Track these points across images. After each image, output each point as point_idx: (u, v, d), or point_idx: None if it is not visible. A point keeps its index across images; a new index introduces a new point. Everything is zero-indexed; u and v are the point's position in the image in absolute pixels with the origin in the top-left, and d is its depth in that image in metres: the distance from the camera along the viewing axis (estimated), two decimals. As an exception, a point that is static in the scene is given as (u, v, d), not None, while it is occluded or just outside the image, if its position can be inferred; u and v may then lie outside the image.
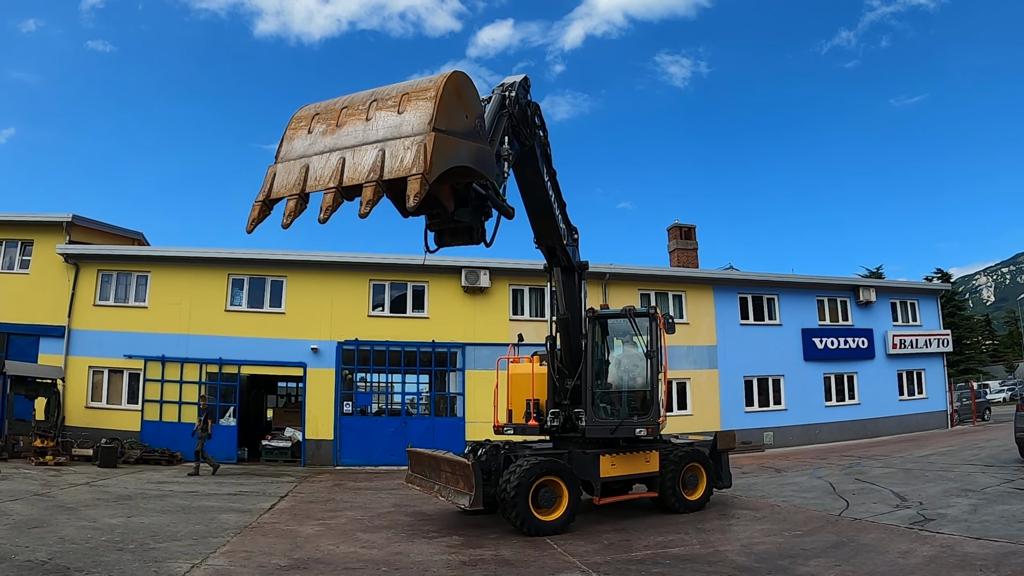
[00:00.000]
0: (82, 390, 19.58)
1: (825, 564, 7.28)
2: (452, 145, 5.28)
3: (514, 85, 8.04)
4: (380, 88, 5.53)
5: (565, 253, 10.37)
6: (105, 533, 8.73)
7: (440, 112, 5.12)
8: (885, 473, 14.87)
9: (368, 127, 5.33)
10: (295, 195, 5.35)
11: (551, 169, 9.46)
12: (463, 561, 7.78)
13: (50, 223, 20.35)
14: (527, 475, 9.11)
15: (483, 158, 5.80)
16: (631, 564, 7.60)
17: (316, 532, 9.49)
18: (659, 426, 10.29)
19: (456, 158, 5.37)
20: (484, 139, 5.89)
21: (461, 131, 5.48)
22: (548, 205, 9.48)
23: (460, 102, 5.48)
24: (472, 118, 5.67)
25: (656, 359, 10.52)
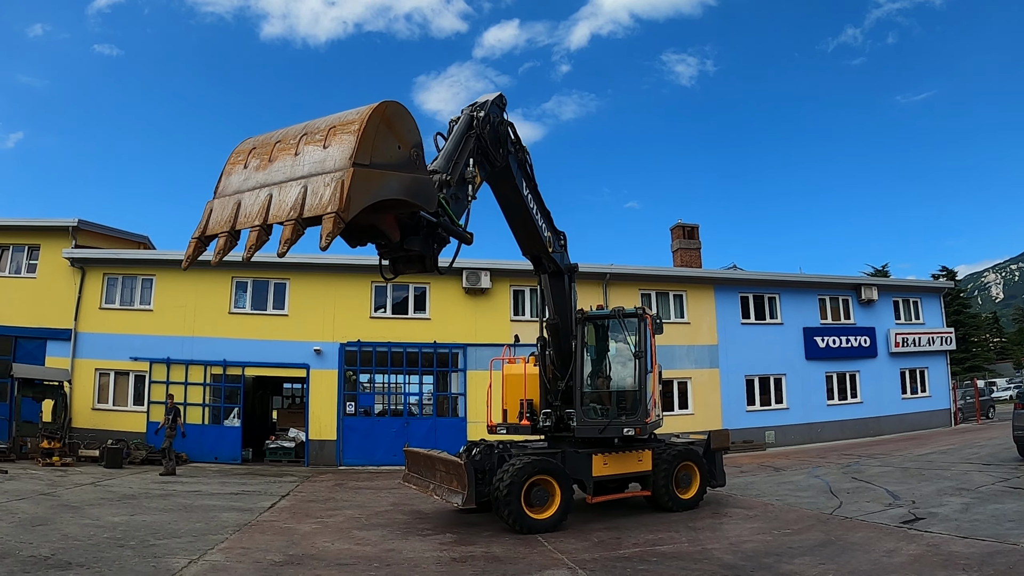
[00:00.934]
0: (88, 392, 19.83)
1: (809, 562, 7.38)
2: (377, 179, 5.16)
3: (485, 104, 8.14)
4: (314, 121, 5.45)
5: (551, 260, 10.51)
6: (107, 530, 8.96)
7: (363, 146, 4.97)
8: (882, 472, 14.93)
9: (296, 162, 5.23)
10: (226, 232, 5.26)
11: (532, 183, 9.57)
12: (453, 558, 7.97)
13: (56, 228, 20.62)
14: (520, 474, 9.27)
15: (418, 188, 5.68)
16: (617, 561, 7.75)
17: (313, 530, 9.69)
18: (647, 425, 10.37)
19: (383, 191, 5.26)
20: (422, 168, 5.77)
21: (391, 163, 5.32)
22: (529, 218, 9.60)
23: (391, 132, 5.31)
24: (407, 148, 5.49)
25: (644, 359, 10.63)
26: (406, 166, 5.48)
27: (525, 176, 9.36)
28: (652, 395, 10.53)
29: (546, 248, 10.19)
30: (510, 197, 9.21)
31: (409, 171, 5.52)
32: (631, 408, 10.65)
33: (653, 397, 10.52)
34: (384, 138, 5.21)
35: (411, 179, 5.54)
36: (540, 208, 9.98)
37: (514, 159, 8.89)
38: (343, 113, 5.27)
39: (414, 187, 5.60)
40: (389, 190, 5.31)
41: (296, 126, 5.50)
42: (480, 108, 8.01)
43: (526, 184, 9.38)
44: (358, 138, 4.94)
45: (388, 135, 5.27)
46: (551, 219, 10.43)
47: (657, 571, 7.26)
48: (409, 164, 5.52)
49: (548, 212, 10.28)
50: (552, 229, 10.48)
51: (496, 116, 8.32)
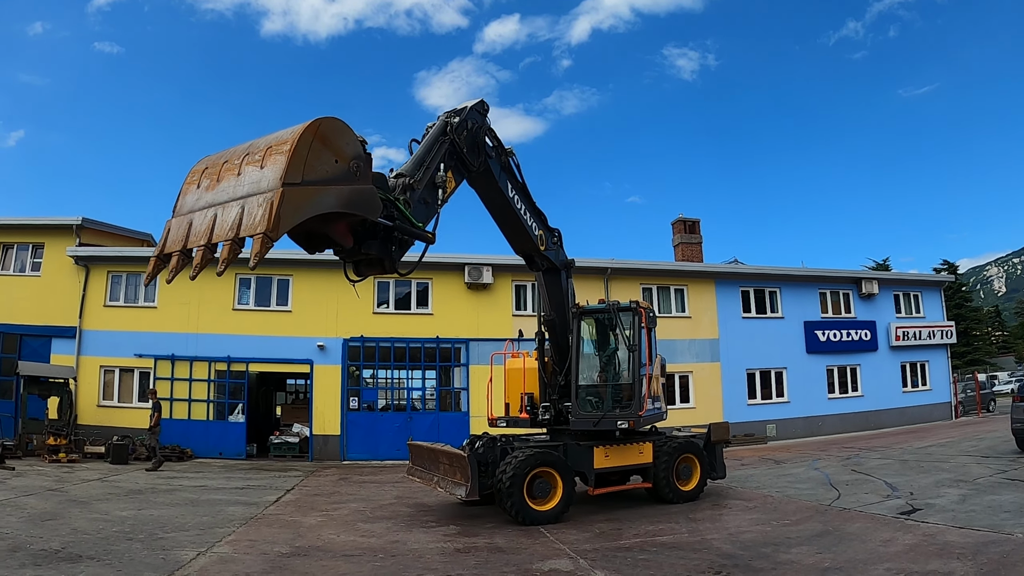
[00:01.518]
0: (94, 389, 19.97)
1: (807, 552, 7.49)
2: (309, 196, 5.32)
3: (463, 110, 8.36)
4: (258, 139, 5.62)
5: (544, 258, 10.67)
6: (116, 524, 9.11)
7: (294, 165, 5.16)
8: (881, 464, 15.02)
9: (238, 183, 5.44)
10: (177, 251, 5.53)
11: (518, 183, 9.74)
12: (457, 549, 8.12)
13: (60, 226, 20.75)
14: (522, 466, 9.41)
15: (358, 199, 5.82)
16: (618, 552, 7.89)
17: (319, 523, 9.85)
18: (640, 419, 10.42)
19: (316, 207, 5.43)
20: (364, 179, 5.87)
21: (328, 177, 5.50)
22: (516, 218, 9.78)
23: (326, 148, 5.47)
24: (345, 161, 5.65)
25: (638, 353, 10.71)
26: (345, 179, 5.66)
27: (510, 178, 9.54)
28: (646, 388, 10.58)
29: (537, 247, 10.34)
30: (494, 199, 9.43)
31: (348, 183, 5.69)
32: (626, 401, 10.72)
33: (646, 391, 10.56)
34: (319, 154, 5.39)
35: (350, 191, 5.71)
36: (529, 208, 10.11)
37: (496, 163, 9.10)
38: (281, 132, 5.45)
39: (353, 198, 5.76)
40: (324, 204, 5.50)
41: (243, 145, 5.70)
42: (456, 114, 8.22)
43: (511, 185, 9.55)
44: (288, 158, 5.13)
45: (323, 151, 5.44)
46: (543, 218, 10.55)
47: (657, 561, 7.38)
48: (348, 177, 5.68)
49: (539, 211, 10.42)
50: (544, 227, 10.60)
51: (476, 122, 8.54)
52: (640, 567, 7.13)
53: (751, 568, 6.93)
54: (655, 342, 11.76)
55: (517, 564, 7.28)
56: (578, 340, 11.27)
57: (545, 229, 10.63)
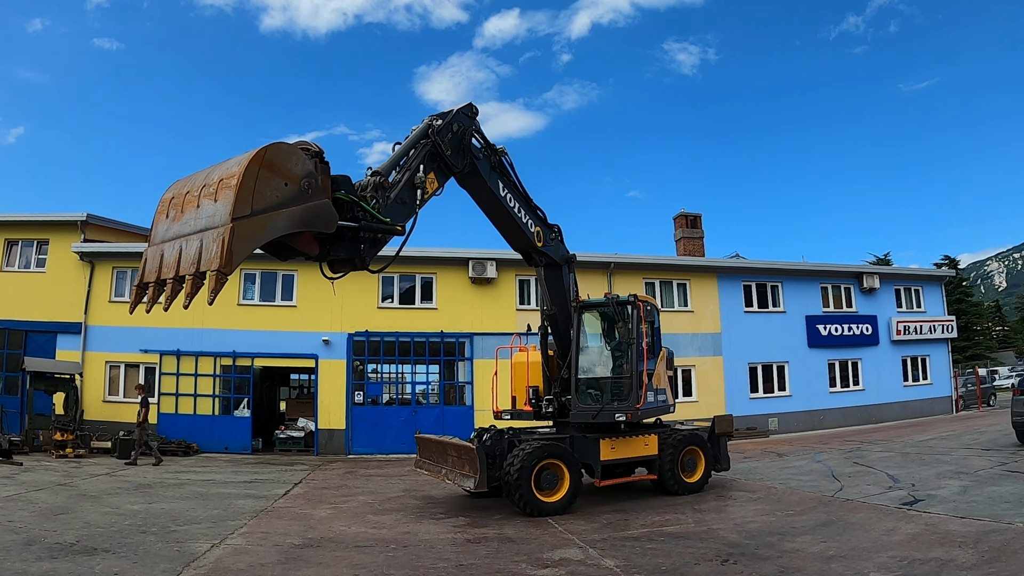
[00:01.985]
0: (99, 384, 20.06)
1: (811, 541, 7.61)
2: (261, 225, 5.55)
3: (448, 114, 8.57)
4: (215, 168, 5.81)
5: (542, 254, 10.78)
6: (128, 518, 9.21)
7: (241, 199, 5.36)
8: (883, 457, 15.13)
9: (198, 216, 5.64)
10: (153, 282, 5.82)
11: (510, 182, 9.89)
12: (467, 539, 8.23)
13: (65, 222, 20.83)
14: (529, 458, 9.52)
15: (312, 217, 6.02)
16: (626, 541, 8.00)
17: (328, 515, 9.95)
18: (638, 411, 10.47)
19: (269, 233, 5.68)
20: (316, 195, 6.05)
21: (279, 201, 5.69)
22: (509, 216, 9.92)
23: (273, 174, 5.64)
24: (295, 182, 5.83)
25: (637, 346, 10.76)
26: (298, 198, 5.84)
27: (501, 177, 9.68)
28: (644, 381, 10.62)
29: (533, 243, 10.46)
30: (485, 198, 9.62)
31: (301, 203, 5.87)
32: (624, 394, 10.80)
33: (645, 383, 10.61)
34: (267, 182, 5.57)
35: (302, 211, 5.89)
36: (524, 205, 10.23)
37: (484, 164, 9.27)
38: (232, 162, 5.65)
39: (306, 217, 5.96)
40: (276, 229, 5.73)
41: (204, 172, 5.89)
42: (439, 117, 8.40)
43: (503, 184, 9.70)
44: (236, 193, 5.34)
45: (272, 178, 5.62)
46: (539, 214, 10.65)
47: (664, 550, 7.49)
48: (301, 196, 5.87)
49: (535, 208, 10.54)
50: (542, 224, 10.71)
51: (462, 124, 8.74)
52: (649, 555, 7.23)
53: (757, 556, 7.03)
54: (659, 335, 11.87)
55: (528, 554, 7.39)
56: (579, 334, 11.36)
57: (543, 225, 10.74)
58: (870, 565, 6.52)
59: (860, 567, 6.48)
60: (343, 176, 6.70)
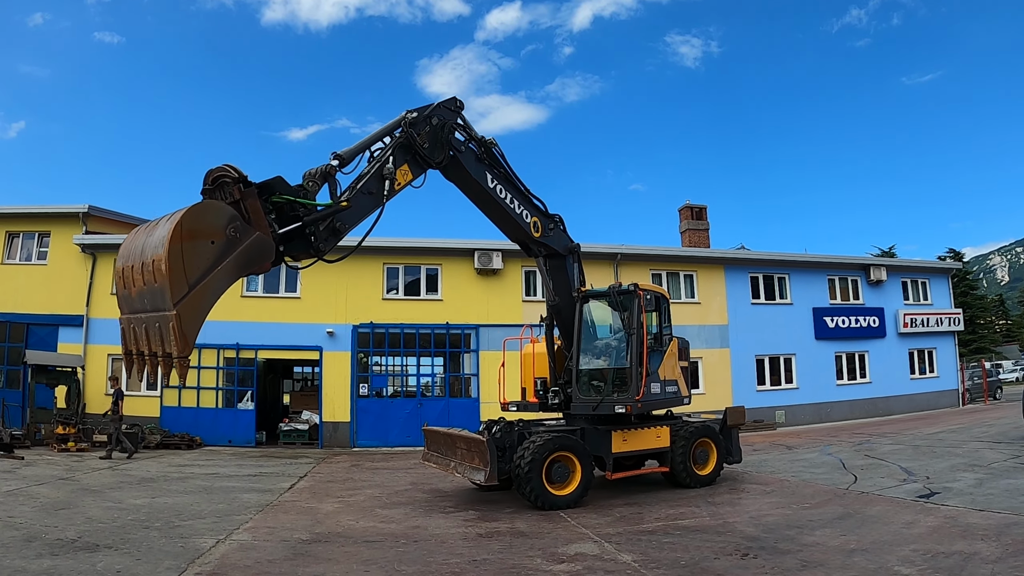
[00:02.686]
0: (102, 377, 19.89)
1: (830, 534, 7.45)
2: (203, 294, 5.60)
3: (427, 107, 8.59)
4: (151, 232, 5.70)
5: (541, 244, 10.64)
6: (131, 513, 9.05)
7: (175, 281, 5.39)
8: (894, 450, 14.99)
9: (144, 294, 5.67)
10: (134, 352, 5.89)
11: (500, 173, 9.80)
12: (479, 534, 8.04)
13: (67, 214, 20.64)
14: (541, 451, 9.33)
15: (248, 259, 6.03)
16: (642, 535, 7.82)
17: (336, 509, 9.77)
18: (638, 403, 10.22)
19: (215, 294, 5.75)
20: (246, 233, 5.99)
21: (212, 262, 5.68)
22: (500, 208, 9.86)
23: (197, 239, 5.58)
24: (220, 236, 5.75)
25: (638, 336, 10.50)
26: (229, 248, 5.79)
27: (490, 169, 9.63)
28: (645, 373, 10.33)
29: (529, 234, 10.33)
30: (472, 189, 9.57)
31: (234, 250, 5.83)
32: (624, 385, 10.56)
33: (645, 375, 10.30)
34: (193, 251, 5.53)
35: (237, 258, 5.87)
36: (518, 196, 10.12)
37: (468, 156, 9.24)
38: (159, 234, 5.52)
39: (243, 261, 5.97)
40: (219, 289, 5.80)
41: (142, 234, 5.84)
42: (417, 111, 8.41)
43: (492, 176, 9.64)
44: (168, 277, 5.36)
45: (195, 244, 5.55)
46: (535, 205, 10.53)
47: (681, 544, 7.32)
48: (231, 244, 5.79)
49: (532, 199, 10.43)
50: (539, 214, 10.56)
51: (443, 118, 8.75)
52: (666, 550, 7.06)
53: (777, 550, 6.87)
54: (669, 326, 11.62)
55: (542, 548, 7.21)
56: (580, 324, 11.16)
57: (541, 216, 10.58)
58: (893, 559, 6.37)
59: (883, 560, 6.33)
60: (275, 179, 6.59)
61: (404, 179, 8.15)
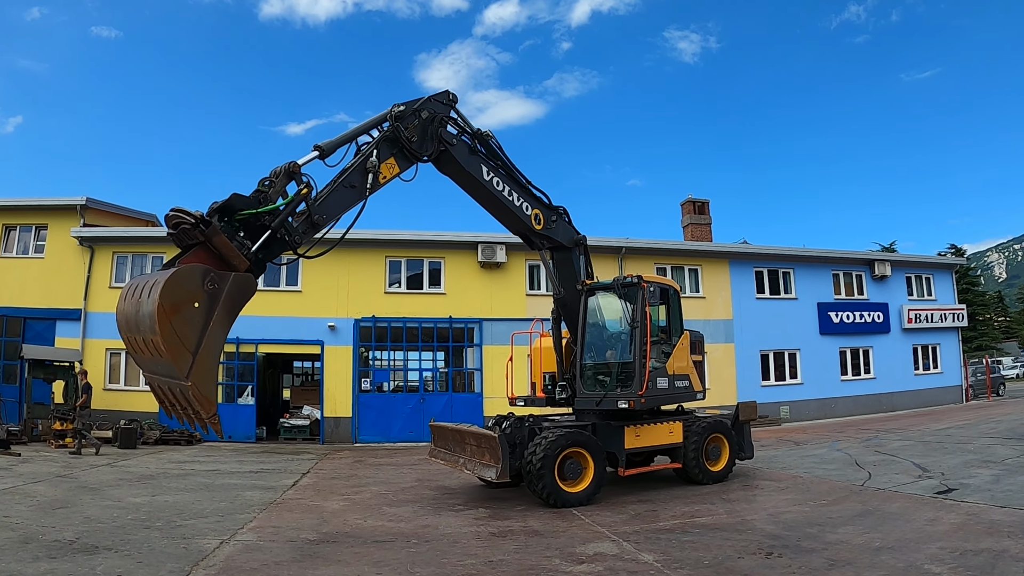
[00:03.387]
0: (100, 372, 19.59)
1: (853, 531, 7.27)
2: (210, 352, 5.87)
3: (416, 101, 8.57)
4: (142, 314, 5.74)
5: (543, 237, 10.50)
6: (131, 512, 8.76)
7: (179, 356, 5.64)
8: (904, 446, 14.85)
9: (158, 363, 5.90)
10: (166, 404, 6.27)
11: (496, 164, 9.74)
12: (492, 533, 7.78)
13: (64, 206, 20.32)
14: (553, 447, 9.08)
15: (235, 302, 6.12)
16: (660, 533, 7.59)
17: (342, 507, 9.51)
18: (640, 399, 9.90)
19: (218, 346, 6.03)
20: (222, 281, 6.03)
21: (204, 321, 5.83)
22: (496, 200, 9.74)
23: (181, 308, 5.71)
24: (200, 295, 5.86)
25: (641, 329, 10.17)
26: (214, 299, 5.92)
27: (485, 161, 9.57)
28: (648, 367, 9.97)
29: (530, 227, 10.21)
30: (466, 182, 9.51)
31: (218, 300, 5.95)
32: (628, 380, 10.25)
33: (648, 370, 9.95)
34: (182, 321, 5.68)
35: (223, 305, 5.99)
36: (517, 188, 10.01)
37: (461, 149, 9.19)
38: (147, 309, 5.65)
39: (231, 306, 6.08)
40: (221, 339, 6.05)
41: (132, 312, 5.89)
42: (403, 105, 8.38)
43: (487, 169, 9.56)
44: (171, 357, 5.61)
45: (182, 315, 5.69)
46: (536, 197, 10.38)
47: (702, 542, 7.10)
48: (213, 296, 5.92)
49: (533, 191, 10.31)
50: (541, 206, 10.41)
51: (434, 111, 8.73)
52: (688, 549, 6.83)
53: (801, 548, 6.68)
54: (679, 319, 11.35)
55: (559, 548, 6.96)
56: (584, 317, 10.91)
57: (542, 208, 10.43)
58: (921, 556, 6.21)
59: (911, 558, 6.16)
60: (231, 197, 6.55)
61: (390, 172, 8.17)
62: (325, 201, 7.37)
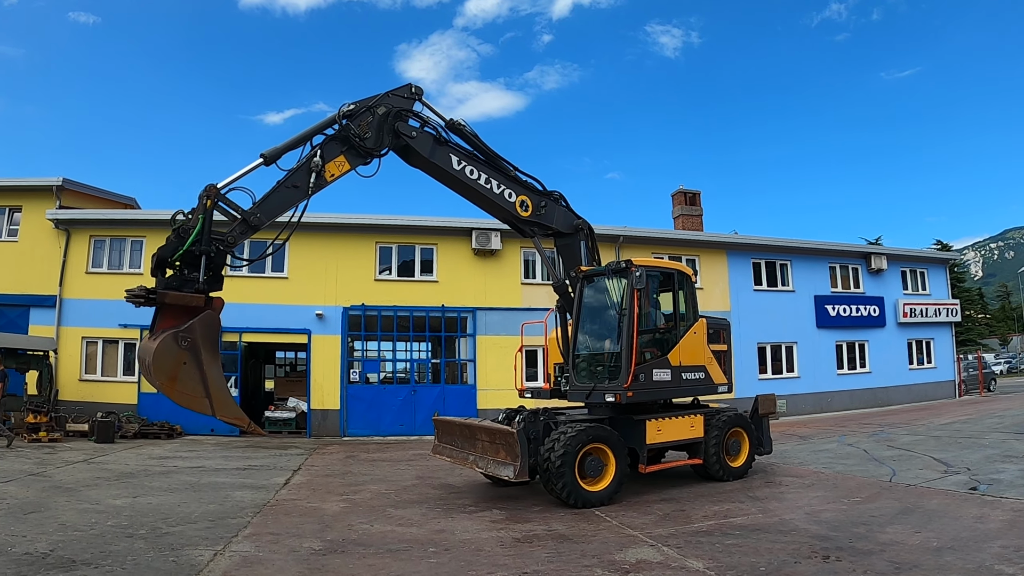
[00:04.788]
0: (75, 362, 18.74)
1: (903, 531, 6.86)
2: (217, 384, 7.00)
3: (371, 99, 8.61)
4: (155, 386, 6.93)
5: (533, 224, 10.18)
6: (111, 517, 7.93)
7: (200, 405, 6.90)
8: (915, 440, 14.54)
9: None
10: None
11: (467, 154, 9.56)
12: (516, 538, 7.06)
13: (39, 187, 19.27)
14: (574, 443, 8.41)
15: (212, 338, 7.07)
16: (699, 536, 6.99)
17: (343, 509, 8.74)
18: (626, 392, 9.16)
19: (219, 374, 7.10)
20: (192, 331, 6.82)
21: (198, 368, 6.80)
22: (471, 189, 9.56)
23: (180, 377, 6.71)
24: (182, 356, 6.74)
25: (629, 318, 9.42)
26: (195, 348, 6.81)
27: (455, 151, 9.41)
28: (634, 358, 9.18)
29: (515, 214, 9.92)
30: (435, 174, 9.42)
31: (199, 345, 6.84)
32: (617, 372, 9.53)
33: (634, 361, 9.16)
34: (185, 379, 6.74)
35: (204, 347, 6.90)
36: (496, 176, 9.77)
37: (423, 141, 9.06)
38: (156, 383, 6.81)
39: (209, 343, 6.98)
40: (219, 369, 7.09)
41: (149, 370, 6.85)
42: (353, 103, 8.45)
43: (459, 159, 9.40)
44: (194, 407, 6.89)
45: (180, 377, 6.71)
46: (522, 183, 10.08)
47: (749, 545, 6.52)
48: (194, 348, 6.80)
49: (517, 177, 10.05)
50: (528, 192, 10.09)
51: (391, 106, 8.73)
52: (736, 554, 6.23)
53: (857, 550, 6.22)
54: (689, 305, 10.62)
55: (596, 555, 6.26)
56: (580, 306, 10.30)
57: (530, 194, 10.09)
58: (987, 557, 5.85)
59: (978, 559, 5.80)
60: (161, 248, 7.15)
61: (339, 170, 8.31)
62: (265, 202, 7.71)
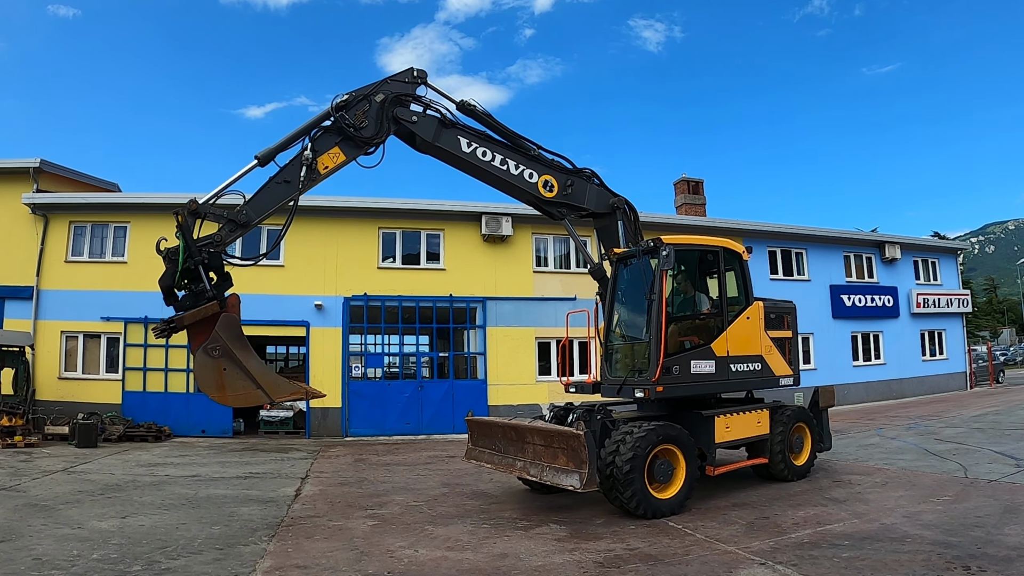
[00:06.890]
0: (54, 358, 17.44)
1: (1023, 532, 6.21)
2: (262, 370, 7.33)
3: (366, 87, 8.31)
4: None
5: (556, 204, 9.47)
6: (96, 546, 6.55)
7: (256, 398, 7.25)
8: (959, 433, 13.91)
9: None
10: None
11: (479, 135, 9.08)
12: (596, 561, 5.87)
13: (15, 170, 17.84)
14: (643, 444, 7.29)
15: (237, 335, 7.27)
16: (806, 549, 6.00)
17: (373, 528, 7.46)
18: (654, 387, 8.10)
19: (260, 362, 7.39)
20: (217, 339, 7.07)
21: (240, 367, 7.08)
22: (483, 170, 9.08)
23: (228, 382, 7.04)
24: (220, 362, 7.04)
25: (658, 303, 8.37)
26: (227, 350, 7.07)
27: (465, 132, 8.96)
28: (663, 349, 8.11)
29: (538, 195, 9.31)
30: (446, 158, 9.02)
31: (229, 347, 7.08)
32: (643, 364, 8.55)
33: (663, 352, 8.08)
34: (232, 383, 7.07)
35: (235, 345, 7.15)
36: (514, 156, 9.19)
37: (426, 126, 8.67)
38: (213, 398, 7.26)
39: (238, 341, 7.22)
40: (255, 358, 7.31)
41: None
42: (347, 94, 8.20)
43: (469, 140, 8.94)
44: (252, 402, 7.36)
45: (228, 382, 7.06)
46: (546, 162, 9.43)
47: (870, 558, 5.62)
48: (225, 349, 7.06)
49: (539, 156, 9.40)
50: (552, 171, 9.39)
51: (390, 92, 8.41)
52: (865, 570, 5.29)
53: (992, 557, 5.55)
54: (741, 288, 9.50)
55: (702, 580, 5.16)
56: (613, 291, 9.36)
57: (555, 173, 9.38)
58: None
59: None
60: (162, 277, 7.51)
61: (333, 162, 8.11)
62: (255, 200, 7.60)
